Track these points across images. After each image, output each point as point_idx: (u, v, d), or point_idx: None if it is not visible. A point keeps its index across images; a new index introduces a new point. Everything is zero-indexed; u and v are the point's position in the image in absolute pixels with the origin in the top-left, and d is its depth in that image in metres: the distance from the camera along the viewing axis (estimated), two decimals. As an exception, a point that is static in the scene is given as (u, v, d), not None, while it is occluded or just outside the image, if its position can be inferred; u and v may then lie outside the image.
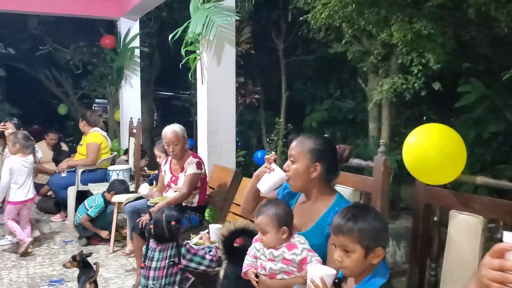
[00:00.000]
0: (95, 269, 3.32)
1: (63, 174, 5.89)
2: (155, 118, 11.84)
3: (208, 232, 3.28)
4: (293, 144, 2.12)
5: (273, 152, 6.56)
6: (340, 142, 10.21)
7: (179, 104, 11.61)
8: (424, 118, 11.46)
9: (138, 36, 7.62)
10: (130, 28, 7.53)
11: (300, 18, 7.06)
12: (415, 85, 6.38)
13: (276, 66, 9.39)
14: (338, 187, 2.33)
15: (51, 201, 6.38)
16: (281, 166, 2.13)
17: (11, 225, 4.64)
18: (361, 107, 9.82)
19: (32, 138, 4.90)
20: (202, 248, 3.06)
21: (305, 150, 2.06)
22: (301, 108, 10.90)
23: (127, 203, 4.34)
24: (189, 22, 4.29)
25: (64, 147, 7.29)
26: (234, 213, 3.54)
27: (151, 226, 3.01)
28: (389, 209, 4.06)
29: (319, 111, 10.61)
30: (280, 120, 7.78)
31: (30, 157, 4.78)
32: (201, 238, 3.26)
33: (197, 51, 4.41)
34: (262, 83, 9.37)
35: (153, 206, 3.64)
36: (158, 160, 4.79)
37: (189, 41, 4.34)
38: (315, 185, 2.08)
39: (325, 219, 2.00)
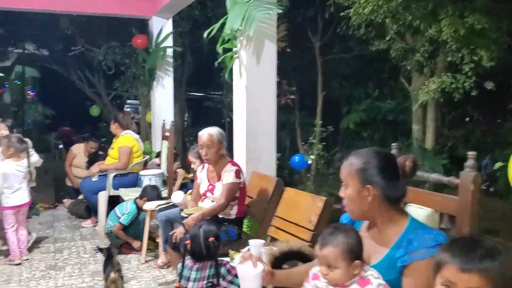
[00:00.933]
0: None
1: (94, 179, 5.69)
2: (185, 119, 11.64)
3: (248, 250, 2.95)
4: (342, 166, 1.78)
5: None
6: (378, 144, 9.78)
7: (211, 105, 11.38)
8: (467, 119, 10.91)
9: (171, 35, 7.39)
10: (162, 27, 7.30)
11: (341, 14, 6.69)
12: (465, 84, 5.94)
13: (312, 65, 9.03)
14: (411, 207, 1.96)
15: (82, 205, 6.20)
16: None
17: (10, 237, 4.41)
18: (402, 107, 9.37)
19: (25, 141, 4.65)
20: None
21: (353, 172, 1.72)
22: (337, 108, 10.51)
23: (160, 210, 4.09)
24: (226, 18, 3.99)
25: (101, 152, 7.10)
26: (276, 227, 3.21)
27: (187, 242, 2.71)
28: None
29: (356, 112, 10.21)
30: (320, 121, 7.40)
31: (25, 161, 4.55)
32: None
33: (235, 49, 4.11)
34: (297, 83, 9.02)
35: (187, 217, 3.35)
36: (192, 166, 4.52)
37: (226, 38, 4.04)
38: (377, 210, 1.72)
39: (397, 249, 1.65)
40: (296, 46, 7.79)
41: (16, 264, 4.34)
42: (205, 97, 13.13)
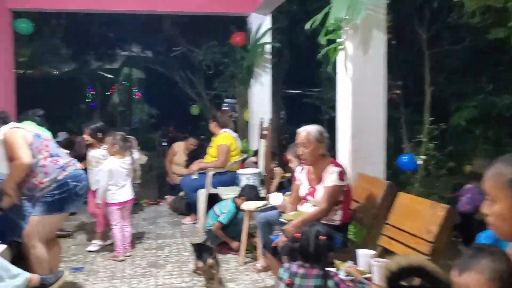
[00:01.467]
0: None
1: (194, 176, 5.70)
2: (281, 116, 11.48)
3: (355, 263, 2.66)
4: (487, 175, 1.41)
5: None
6: (492, 144, 8.87)
7: (308, 102, 11.10)
8: None
9: (270, 31, 7.26)
10: (261, 23, 7.20)
11: (454, 0, 6.07)
12: None
13: (418, 58, 8.37)
14: None
15: (182, 202, 6.27)
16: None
17: (116, 234, 4.50)
18: (520, 102, 8.39)
19: (129, 139, 4.77)
20: (351, 281, 2.46)
21: (504, 183, 1.34)
22: (445, 104, 9.72)
23: (259, 211, 3.94)
24: (330, 7, 3.70)
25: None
26: (388, 237, 2.86)
27: (297, 234, 2.49)
28: None
29: (468, 108, 9.33)
30: (431, 118, 6.80)
31: (128, 158, 4.65)
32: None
33: (339, 40, 3.81)
34: (402, 77, 8.43)
35: (287, 223, 3.12)
36: (290, 165, 4.31)
37: (330, 28, 3.75)
38: None
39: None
40: (401, 38, 7.27)
41: (120, 260, 4.43)
42: (302, 94, 12.88)
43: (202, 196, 5.58)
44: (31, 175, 3.14)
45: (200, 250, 3.89)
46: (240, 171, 5.29)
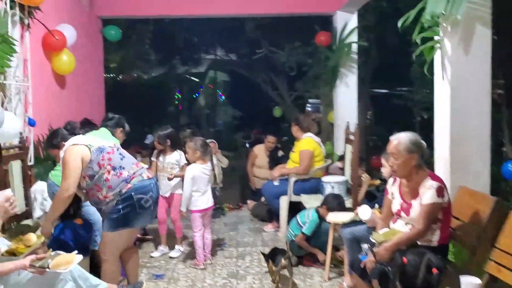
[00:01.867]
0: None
1: (276, 183, 5.53)
2: (368, 117, 10.98)
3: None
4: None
5: None
6: None
7: (398, 102, 10.51)
8: None
9: (356, 30, 6.92)
10: (346, 22, 6.90)
11: None
12: None
13: (524, 54, 7.56)
14: None
15: (264, 208, 6.13)
16: None
17: (197, 241, 4.41)
18: None
19: (209, 144, 4.65)
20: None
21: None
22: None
23: (345, 224, 3.67)
24: (425, 2, 3.33)
25: (281, 152, 6.98)
26: (497, 263, 2.47)
27: (404, 259, 2.20)
28: None
29: None
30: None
31: (209, 164, 4.54)
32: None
33: (436, 38, 3.42)
34: (504, 75, 7.65)
35: (377, 245, 2.81)
36: (382, 170, 3.98)
37: (425, 25, 3.38)
38: None
39: None
40: (502, 32, 6.57)
41: (201, 269, 4.36)
42: (391, 94, 12.27)
43: (284, 203, 5.40)
44: (95, 188, 3.12)
45: (274, 254, 3.91)
46: (325, 178, 5.03)
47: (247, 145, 16.28)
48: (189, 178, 4.38)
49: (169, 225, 4.92)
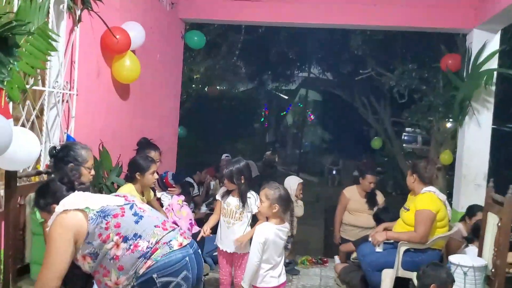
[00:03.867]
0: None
1: (379, 249, 4.13)
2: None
3: None
4: None
5: None
6: None
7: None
8: None
9: (497, 54, 5.38)
10: (486, 43, 5.36)
11: None
12: None
13: None
14: None
15: (358, 275, 4.67)
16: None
17: None
18: None
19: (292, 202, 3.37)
20: None
21: None
22: None
23: None
24: None
25: (380, 197, 5.47)
26: None
27: None
28: None
29: None
30: None
31: (287, 225, 3.23)
32: None
33: None
34: None
35: None
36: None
37: None
38: None
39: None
40: None
41: None
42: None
43: (387, 279, 4.00)
44: (101, 271, 2.03)
45: None
46: (454, 258, 3.57)
47: (334, 171, 15.09)
48: (259, 242, 3.10)
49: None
